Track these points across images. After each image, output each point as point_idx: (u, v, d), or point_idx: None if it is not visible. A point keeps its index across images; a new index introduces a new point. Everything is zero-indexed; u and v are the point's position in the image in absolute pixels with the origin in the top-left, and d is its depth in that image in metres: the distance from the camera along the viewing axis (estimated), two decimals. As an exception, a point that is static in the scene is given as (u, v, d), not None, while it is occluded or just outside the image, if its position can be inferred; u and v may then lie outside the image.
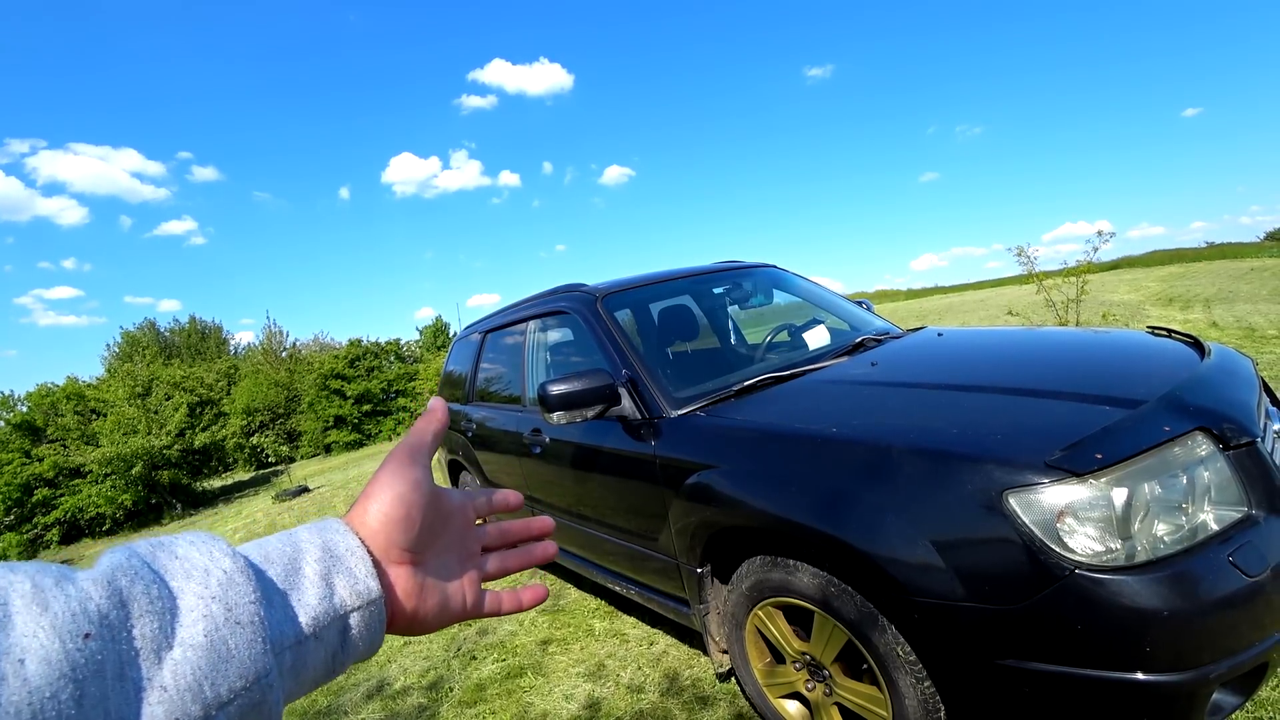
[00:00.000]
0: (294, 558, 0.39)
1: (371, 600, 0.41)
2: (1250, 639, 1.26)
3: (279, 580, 0.37)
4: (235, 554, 0.34)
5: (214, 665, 0.30)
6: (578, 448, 2.66)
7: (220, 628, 0.30)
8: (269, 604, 0.35)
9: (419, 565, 0.46)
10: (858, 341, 2.62)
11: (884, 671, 1.56)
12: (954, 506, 1.38)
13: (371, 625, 0.42)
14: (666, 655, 2.72)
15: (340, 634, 0.39)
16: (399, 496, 0.44)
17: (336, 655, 0.40)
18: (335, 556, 0.40)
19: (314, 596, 0.38)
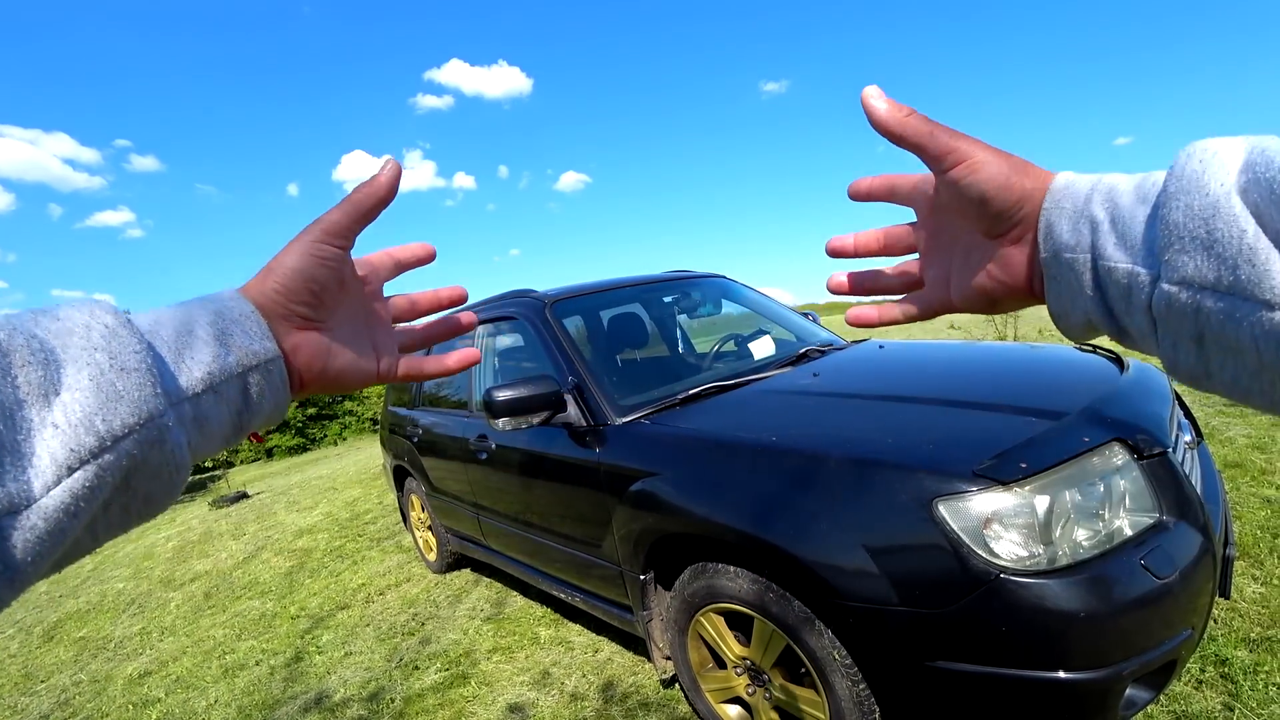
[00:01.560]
0: (186, 321, 0.39)
1: (269, 358, 0.42)
2: (1160, 637, 1.34)
3: (170, 340, 0.37)
4: (119, 312, 0.34)
5: (103, 404, 0.30)
6: (523, 454, 2.64)
7: (106, 373, 0.31)
8: (159, 359, 0.35)
9: (324, 330, 0.47)
10: (801, 352, 2.68)
11: (821, 675, 1.59)
12: (887, 514, 1.42)
13: (274, 384, 0.43)
14: (611, 662, 2.71)
15: (241, 392, 0.40)
16: (299, 271, 0.44)
17: (241, 413, 0.41)
18: (229, 319, 0.41)
19: (208, 354, 0.38)
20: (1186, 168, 0.33)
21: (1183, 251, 0.32)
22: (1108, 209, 0.37)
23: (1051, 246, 0.40)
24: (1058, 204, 0.40)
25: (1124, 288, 0.36)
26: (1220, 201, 0.31)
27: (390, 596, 4.06)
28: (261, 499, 9.73)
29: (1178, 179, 0.33)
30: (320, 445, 23.12)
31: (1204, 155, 0.32)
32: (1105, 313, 0.39)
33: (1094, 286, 0.38)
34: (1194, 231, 0.31)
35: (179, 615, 4.73)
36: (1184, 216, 0.32)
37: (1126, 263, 0.36)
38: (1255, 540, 2.63)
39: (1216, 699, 1.88)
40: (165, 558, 6.80)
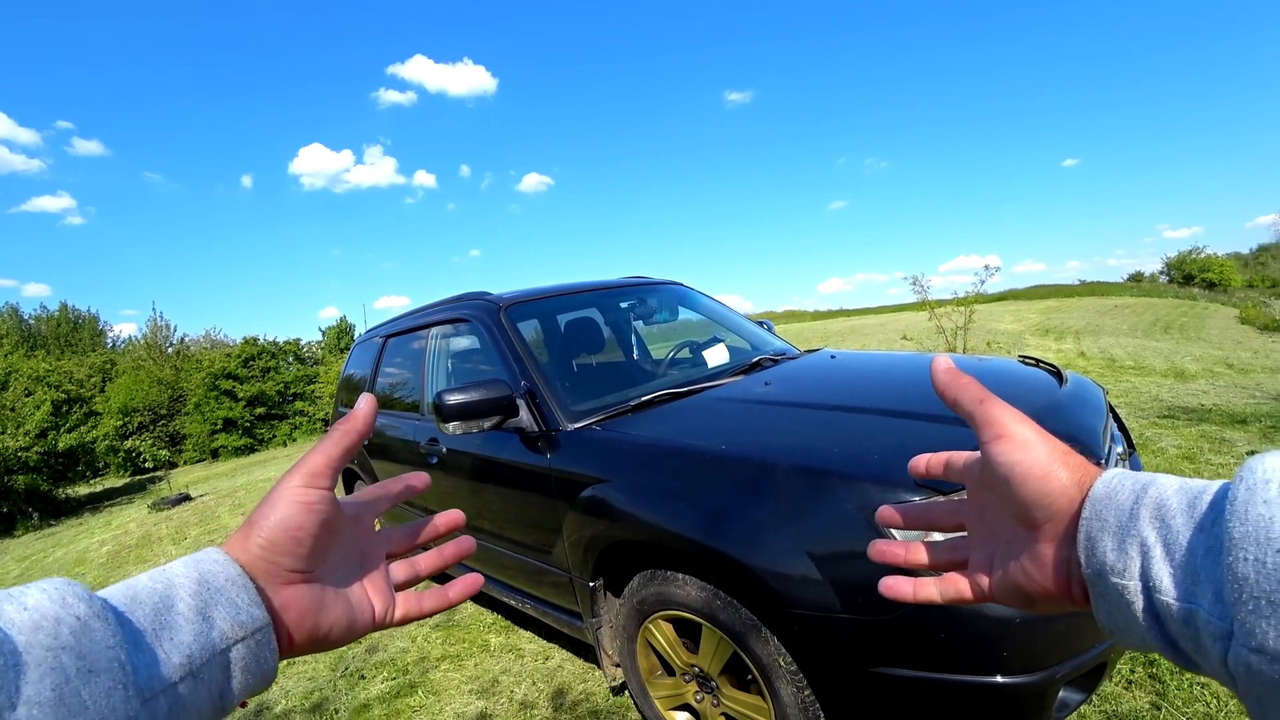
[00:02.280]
0: (166, 594, 0.36)
1: (257, 629, 0.39)
2: (1091, 640, 1.38)
3: (148, 621, 0.34)
4: (93, 598, 0.31)
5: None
6: (474, 459, 2.60)
7: (72, 679, 0.28)
8: (135, 648, 0.32)
9: (315, 581, 0.44)
10: (755, 361, 2.70)
11: (767, 681, 1.60)
12: (832, 522, 1.44)
13: (261, 655, 0.39)
14: (561, 670, 2.69)
15: (223, 670, 0.37)
16: (284, 521, 0.42)
17: (225, 693, 0.37)
18: (214, 589, 0.38)
19: (189, 634, 0.35)
20: (1250, 509, 0.28)
21: (1260, 616, 0.27)
22: (1159, 530, 0.33)
23: (1095, 565, 0.36)
24: (1099, 515, 0.36)
25: (1190, 630, 0.32)
26: None
27: (337, 603, 3.96)
28: (205, 501, 9.41)
29: (1241, 521, 0.29)
30: (269, 446, 22.47)
31: (1267, 492, 0.28)
32: (1168, 644, 0.34)
33: (1149, 617, 0.34)
34: (1271, 595, 0.27)
35: (112, 624, 4.53)
36: (1255, 573, 0.28)
37: (1188, 604, 0.31)
38: (1183, 545, 2.75)
39: (1145, 698, 1.95)
40: (99, 564, 6.52)
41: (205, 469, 19.02)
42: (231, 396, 22.52)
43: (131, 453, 23.02)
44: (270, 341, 25.14)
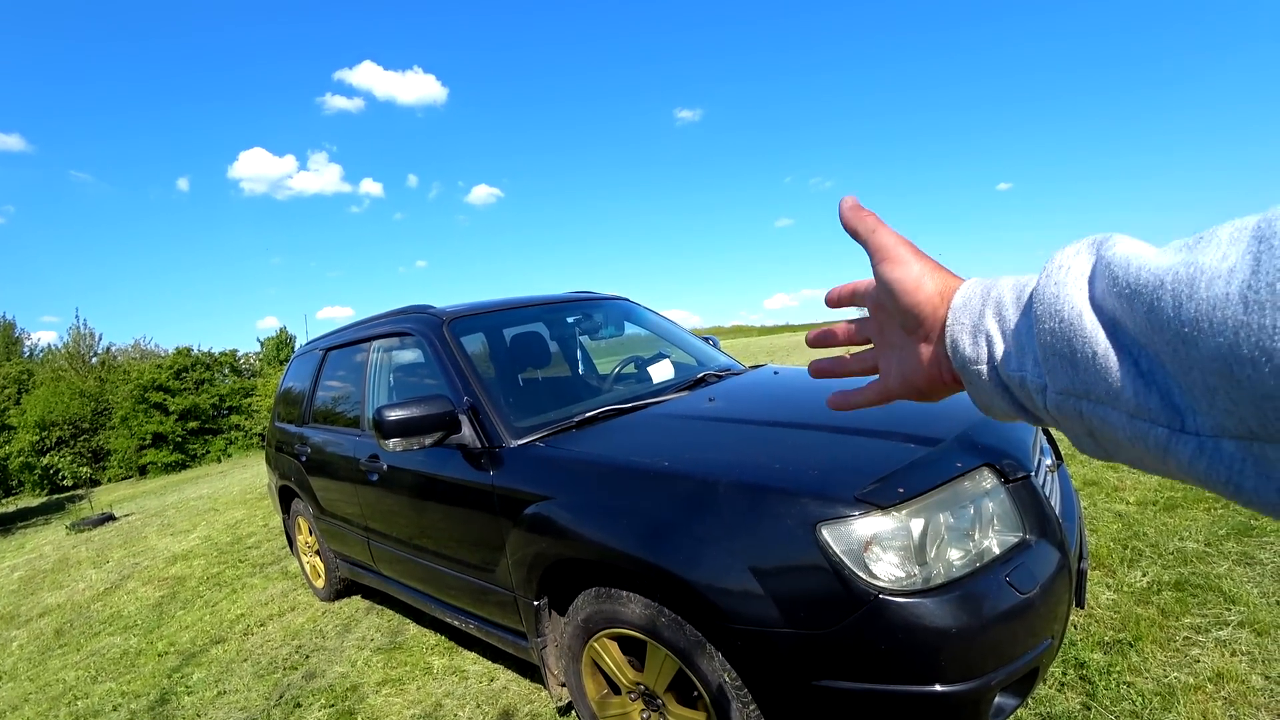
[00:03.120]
0: None
1: None
2: (1024, 647, 1.42)
3: None
4: None
5: None
6: (416, 476, 2.54)
7: None
8: None
9: None
10: (699, 377, 2.71)
11: (712, 698, 1.60)
12: (773, 538, 1.44)
13: None
14: (506, 691, 2.63)
15: None
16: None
17: None
18: None
19: None
20: (1045, 289, 0.38)
21: (1058, 367, 0.37)
22: (998, 322, 0.42)
23: (959, 359, 0.45)
24: (958, 320, 0.45)
25: (1024, 391, 0.41)
26: (1074, 322, 0.35)
27: (272, 627, 3.80)
28: (130, 521, 8.92)
29: (1040, 301, 0.38)
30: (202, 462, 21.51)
31: (1059, 275, 0.37)
32: (1018, 407, 0.43)
33: (1002, 390, 0.43)
34: (1059, 350, 0.36)
35: (22, 657, 4.24)
36: (1050, 337, 0.37)
37: (1019, 372, 0.40)
38: (1109, 551, 2.87)
39: (1076, 699, 2.02)
40: (9, 590, 6.10)
41: (132, 486, 18.07)
42: (162, 410, 21.50)
43: (49, 470, 21.62)
44: (205, 352, 24.12)
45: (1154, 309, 0.31)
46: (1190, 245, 0.31)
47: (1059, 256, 0.38)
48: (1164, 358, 0.31)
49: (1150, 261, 0.32)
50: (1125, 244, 0.35)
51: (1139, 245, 0.35)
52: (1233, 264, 0.28)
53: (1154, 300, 0.31)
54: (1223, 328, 0.28)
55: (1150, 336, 0.32)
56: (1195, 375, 0.30)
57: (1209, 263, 0.29)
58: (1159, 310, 0.30)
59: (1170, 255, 0.31)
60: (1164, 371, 0.32)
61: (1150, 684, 2.02)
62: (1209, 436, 0.31)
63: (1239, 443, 0.29)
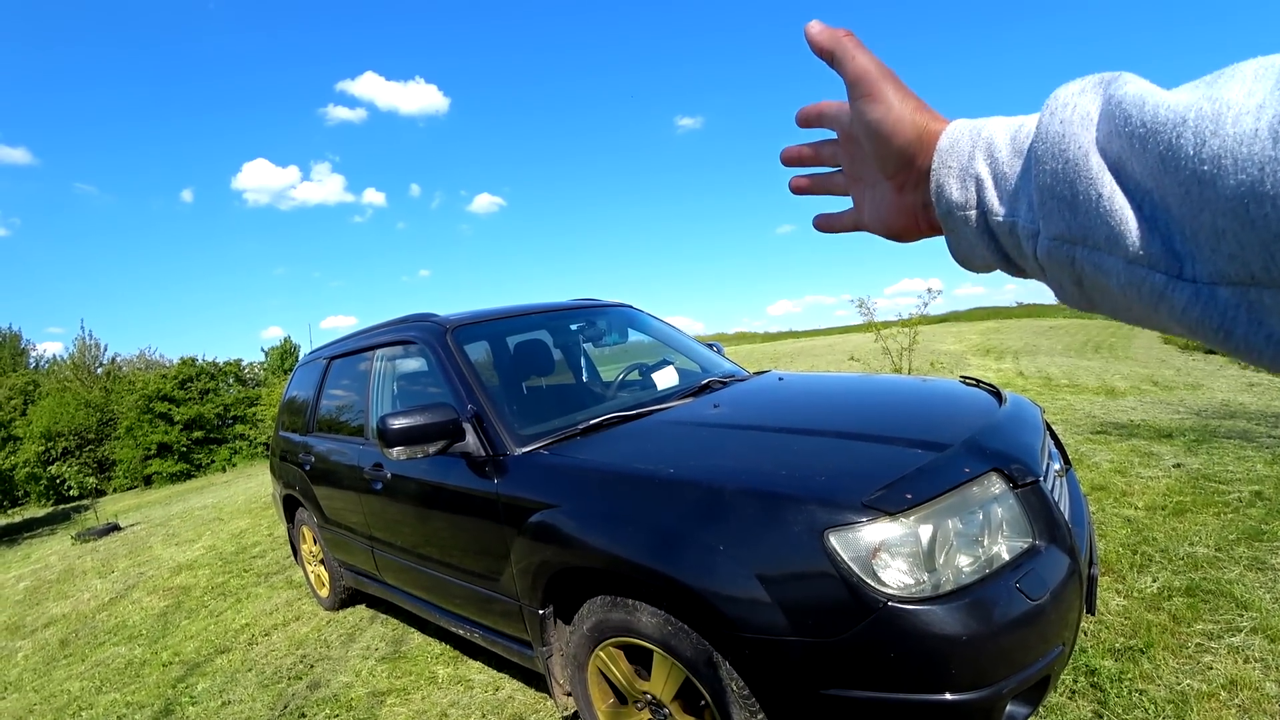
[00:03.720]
0: None
1: None
2: (1035, 655, 1.41)
3: None
4: None
5: None
6: (420, 484, 2.53)
7: None
8: None
9: None
10: (704, 383, 2.71)
11: (720, 707, 1.58)
12: (780, 545, 1.43)
13: None
14: (512, 700, 2.61)
15: None
16: None
17: None
18: None
19: None
20: (1050, 128, 0.35)
21: (1055, 211, 0.35)
22: (989, 165, 0.40)
23: (944, 205, 0.43)
24: (945, 164, 0.42)
25: (1013, 239, 0.39)
26: (1079, 164, 0.34)
27: (276, 637, 3.78)
28: (135, 531, 8.93)
29: (1043, 140, 0.36)
30: (207, 472, 21.54)
31: (1064, 114, 0.35)
32: (1002, 258, 0.42)
33: (988, 237, 0.42)
34: (1060, 193, 0.35)
35: (27, 667, 4.23)
36: (1051, 180, 0.35)
37: (1011, 217, 0.39)
38: (1118, 557, 2.85)
39: (1088, 707, 2.00)
40: (14, 600, 6.10)
41: (137, 496, 18.11)
42: (167, 420, 21.56)
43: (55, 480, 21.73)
44: (210, 362, 24.20)
45: (1172, 147, 0.30)
46: (1210, 82, 0.30)
47: (1062, 94, 0.36)
48: (1171, 201, 0.30)
49: (1167, 99, 0.31)
50: (1136, 82, 0.33)
51: (1149, 85, 0.33)
52: (1261, 100, 0.27)
53: (1173, 139, 0.29)
54: (1247, 164, 0.27)
55: (1161, 179, 0.31)
56: (1205, 218, 0.29)
57: (1235, 98, 0.28)
58: (1178, 149, 0.29)
59: (1188, 93, 0.30)
60: (1169, 216, 0.31)
61: (1163, 691, 2.00)
62: (1205, 284, 0.30)
63: (1235, 289, 0.29)
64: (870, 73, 0.46)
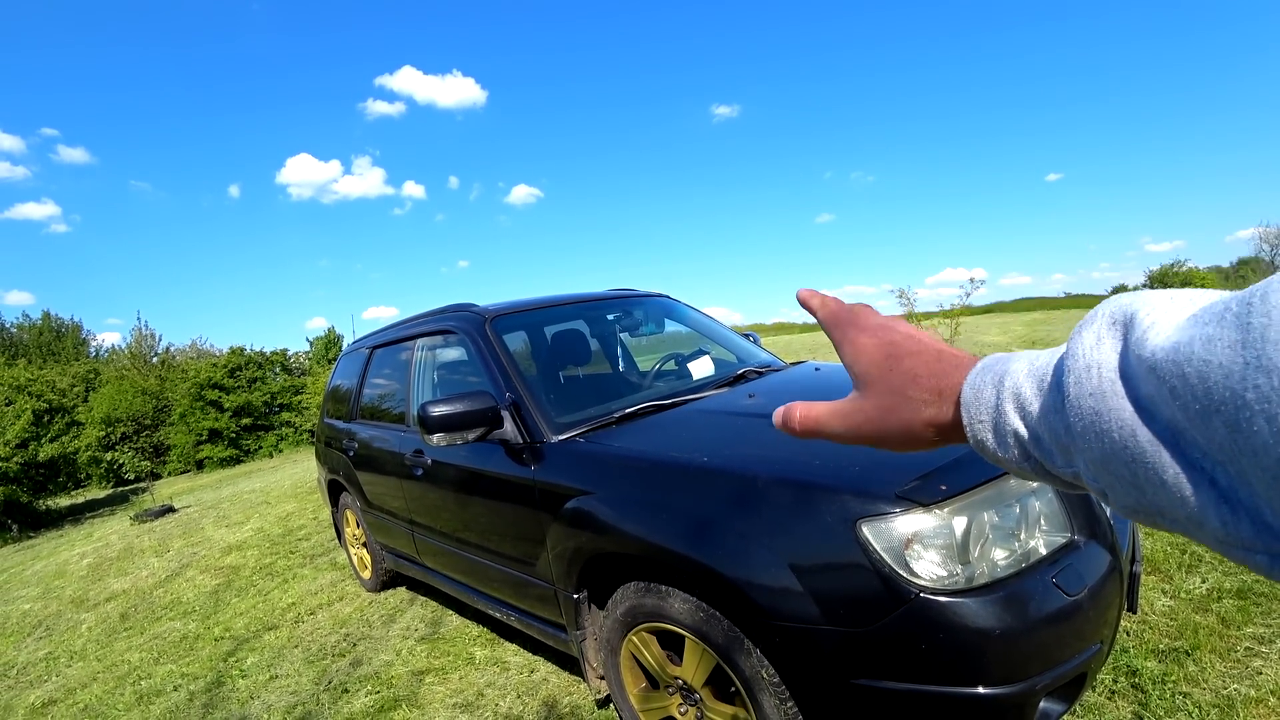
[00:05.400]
0: None
1: None
2: (1071, 651, 1.39)
3: None
4: None
5: None
6: (459, 470, 2.60)
7: None
8: None
9: None
10: (739, 373, 2.71)
11: (750, 693, 1.60)
12: (813, 534, 1.44)
13: None
14: (546, 683, 2.67)
15: None
16: None
17: None
18: None
19: None
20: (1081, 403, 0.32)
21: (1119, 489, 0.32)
22: (1023, 420, 0.37)
23: (988, 454, 0.40)
24: (976, 418, 0.39)
25: (1082, 485, 0.36)
26: (1129, 446, 0.29)
27: (321, 616, 3.92)
28: (189, 513, 9.29)
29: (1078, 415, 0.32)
30: (255, 457, 22.25)
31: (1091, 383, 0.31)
32: (1064, 484, 0.38)
33: (1044, 476, 0.38)
34: (1119, 474, 0.31)
35: (91, 638, 4.46)
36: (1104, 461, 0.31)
37: (1070, 469, 0.35)
38: (1165, 556, 2.77)
39: (1128, 708, 1.96)
40: (79, 576, 6.42)
41: (190, 480, 18.81)
42: (217, 407, 22.31)
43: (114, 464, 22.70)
44: (257, 351, 24.92)
45: (1241, 429, 0.25)
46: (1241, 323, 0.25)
47: (1081, 350, 0.32)
48: (1254, 479, 0.25)
49: (1204, 358, 0.26)
50: (1155, 314, 0.29)
51: (1166, 322, 0.29)
52: None
53: (1240, 419, 0.24)
54: None
55: (1234, 455, 0.25)
56: None
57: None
58: (1250, 431, 0.24)
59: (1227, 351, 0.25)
60: (1249, 489, 0.26)
61: (1208, 695, 1.95)
62: None
63: None
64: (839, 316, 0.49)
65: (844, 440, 0.48)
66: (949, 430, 0.42)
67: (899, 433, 0.44)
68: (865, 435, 0.46)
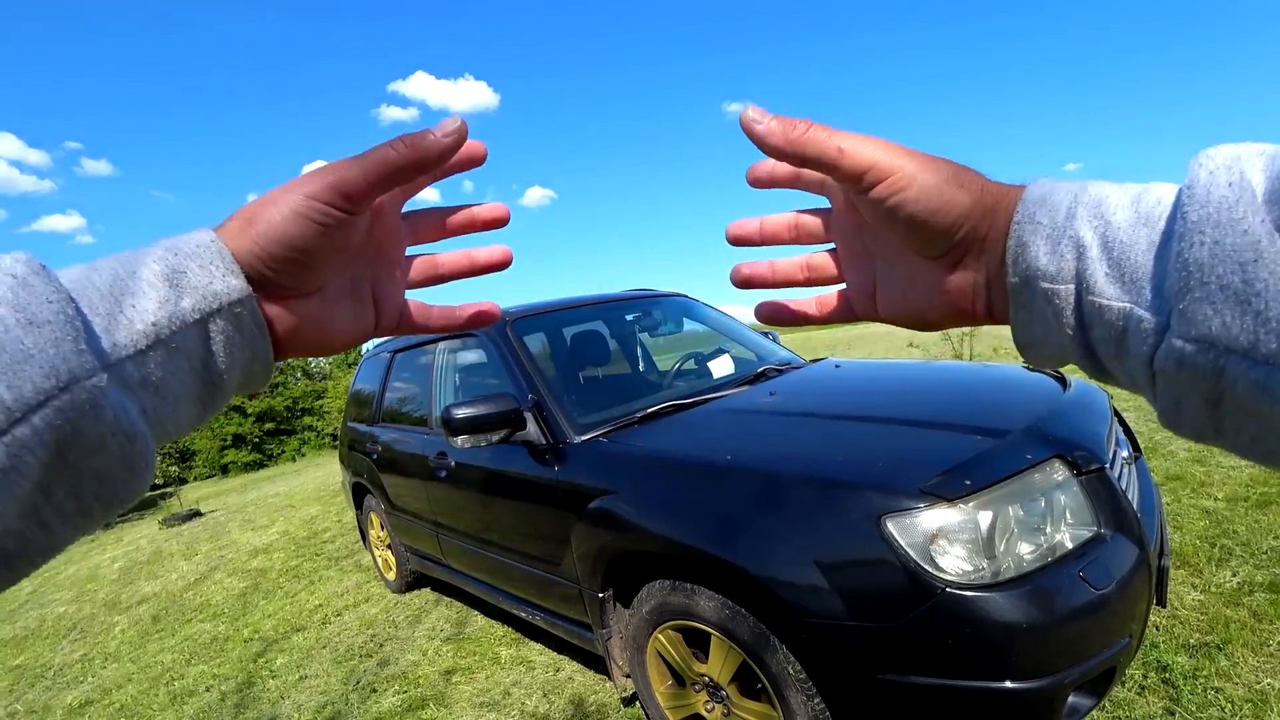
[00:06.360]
0: (128, 262, 0.32)
1: (235, 300, 0.34)
2: (1099, 645, 1.38)
3: (104, 286, 0.31)
4: (34, 261, 0.29)
5: (7, 367, 0.25)
6: (483, 472, 2.63)
7: (10, 329, 0.26)
8: (90, 309, 0.30)
9: (311, 296, 0.38)
10: (759, 371, 2.71)
11: (777, 690, 1.61)
12: (838, 531, 1.45)
13: (246, 331, 0.35)
14: (572, 681, 2.69)
15: (202, 343, 0.33)
16: (285, 237, 0.35)
17: (208, 365, 0.34)
18: (183, 254, 0.33)
19: (153, 300, 0.31)
20: (1212, 191, 0.26)
21: (1208, 301, 0.26)
22: (1097, 229, 0.31)
23: (1024, 271, 0.33)
24: (1032, 218, 0.33)
25: (1117, 329, 0.30)
26: (1264, 242, 0.24)
27: (348, 617, 3.97)
28: (215, 517, 9.44)
29: (1201, 205, 0.26)
30: (278, 461, 22.57)
31: (1230, 175, 0.26)
32: (1086, 352, 0.33)
33: (1076, 323, 0.32)
34: (1225, 279, 0.25)
35: (124, 640, 4.55)
36: (1212, 256, 0.25)
37: (1124, 302, 0.29)
38: (1195, 550, 2.74)
39: (1158, 704, 1.94)
40: (110, 579, 6.55)
41: (215, 485, 19.10)
42: (240, 412, 22.66)
43: (140, 471, 23.08)
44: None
45: None
46: None
47: (1219, 154, 0.27)
48: None
49: None
50: None
51: None
52: None
53: None
54: None
55: None
56: None
57: None
58: None
59: None
60: None
61: (1241, 690, 1.93)
62: None
63: None
64: (878, 159, 0.35)
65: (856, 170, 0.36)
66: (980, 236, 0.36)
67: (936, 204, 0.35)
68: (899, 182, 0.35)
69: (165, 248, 0.33)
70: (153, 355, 0.31)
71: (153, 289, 0.32)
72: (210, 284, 0.33)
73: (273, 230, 0.35)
